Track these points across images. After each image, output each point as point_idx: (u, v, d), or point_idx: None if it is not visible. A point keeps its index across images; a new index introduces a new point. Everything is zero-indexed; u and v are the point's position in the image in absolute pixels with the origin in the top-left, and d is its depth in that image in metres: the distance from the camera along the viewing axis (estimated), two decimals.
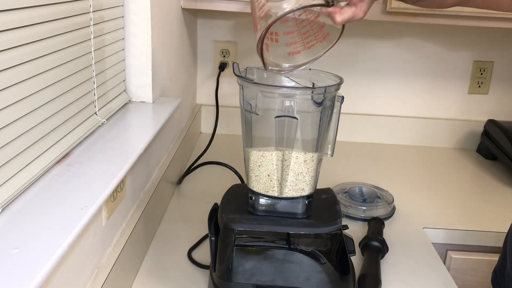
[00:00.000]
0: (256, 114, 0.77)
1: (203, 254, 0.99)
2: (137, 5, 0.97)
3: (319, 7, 0.67)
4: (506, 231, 0.89)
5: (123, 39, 0.99)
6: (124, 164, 0.74)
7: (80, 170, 0.71)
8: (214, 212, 0.86)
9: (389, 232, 1.09)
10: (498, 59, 1.64)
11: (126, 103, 1.01)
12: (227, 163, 1.25)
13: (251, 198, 0.81)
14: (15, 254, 0.52)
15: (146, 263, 0.96)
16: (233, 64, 0.77)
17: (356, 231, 1.08)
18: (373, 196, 1.21)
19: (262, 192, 0.80)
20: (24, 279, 0.48)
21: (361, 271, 0.93)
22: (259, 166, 0.79)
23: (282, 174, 0.78)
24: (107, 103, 0.92)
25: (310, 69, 0.81)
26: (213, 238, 0.82)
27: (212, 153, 1.34)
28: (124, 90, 1.02)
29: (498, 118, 1.66)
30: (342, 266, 0.81)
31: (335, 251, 0.82)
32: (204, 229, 1.05)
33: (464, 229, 1.16)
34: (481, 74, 1.65)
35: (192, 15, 1.49)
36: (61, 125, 0.73)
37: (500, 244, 0.93)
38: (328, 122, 0.79)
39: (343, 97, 0.78)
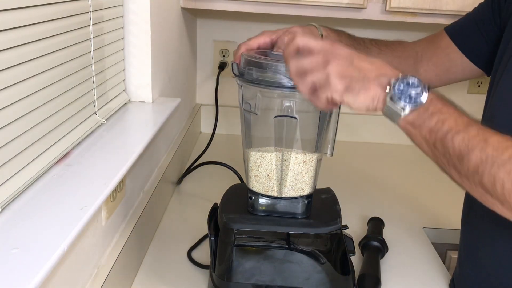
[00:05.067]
0: (256, 114, 0.77)
1: (203, 254, 0.99)
2: (137, 5, 0.97)
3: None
4: None
5: (122, 38, 0.99)
6: (124, 164, 0.74)
7: (80, 170, 0.71)
8: (214, 212, 0.86)
9: (389, 232, 1.09)
10: None
11: (125, 103, 1.01)
12: (227, 163, 1.25)
13: (250, 198, 0.81)
14: (15, 254, 0.52)
15: (146, 263, 0.96)
16: (232, 64, 0.77)
17: (355, 231, 1.08)
18: None
19: (261, 192, 0.80)
20: (23, 279, 0.48)
21: (360, 271, 0.93)
22: (259, 166, 0.79)
23: (282, 174, 0.78)
24: (107, 103, 0.92)
25: None
26: (213, 238, 0.82)
27: (212, 153, 1.34)
28: (124, 90, 1.02)
29: None
30: (342, 266, 0.81)
31: (335, 251, 0.82)
32: (204, 229, 1.05)
33: None
34: None
35: (191, 15, 1.49)
36: (60, 125, 0.73)
37: None
38: (328, 122, 0.79)
39: None
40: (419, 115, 0.60)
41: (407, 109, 0.60)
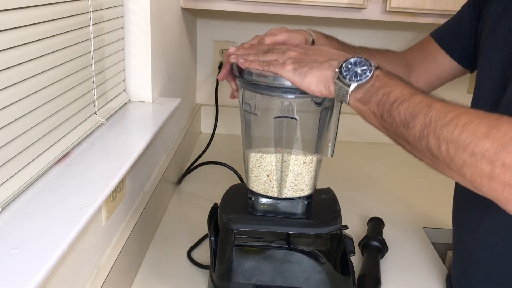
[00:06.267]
0: (256, 114, 0.77)
1: (203, 254, 0.99)
2: (137, 5, 0.97)
3: None
4: None
5: (122, 39, 0.99)
6: (124, 164, 0.74)
7: (80, 170, 0.71)
8: (214, 212, 0.86)
9: (389, 232, 1.09)
10: None
11: (125, 103, 1.01)
12: (227, 163, 1.25)
13: (250, 198, 0.81)
14: (14, 254, 0.52)
15: (146, 263, 0.96)
16: (232, 64, 0.77)
17: (355, 231, 1.08)
18: None
19: (261, 192, 0.80)
20: (23, 279, 0.48)
21: (360, 271, 0.93)
22: (259, 166, 0.79)
23: (282, 175, 0.78)
24: (107, 103, 0.92)
25: None
26: (213, 238, 0.82)
27: (212, 153, 1.34)
28: (124, 90, 1.02)
29: None
30: (342, 266, 0.81)
31: (335, 251, 0.82)
32: (204, 229, 1.05)
33: None
34: None
35: (191, 15, 1.49)
36: (60, 125, 0.73)
37: None
38: (328, 123, 0.79)
39: None
40: (366, 91, 0.64)
41: (353, 86, 0.65)
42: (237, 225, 0.79)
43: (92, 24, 0.82)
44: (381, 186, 1.36)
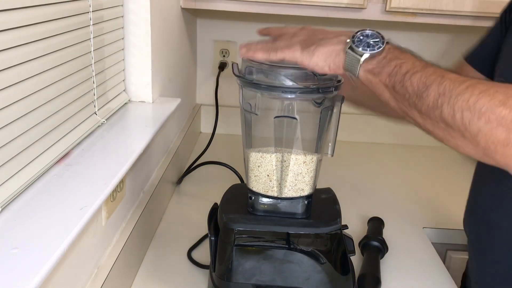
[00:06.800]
0: (256, 114, 0.77)
1: (203, 254, 0.99)
2: (137, 5, 0.97)
3: None
4: None
5: (122, 38, 0.99)
6: (124, 163, 0.74)
7: (80, 170, 0.71)
8: (213, 212, 0.86)
9: (389, 232, 1.09)
10: None
11: (125, 103, 1.01)
12: (227, 163, 1.25)
13: (250, 198, 0.81)
14: (14, 254, 0.52)
15: (146, 263, 0.96)
16: (232, 64, 0.77)
17: (355, 231, 1.08)
18: None
19: (261, 192, 0.80)
20: (23, 279, 0.48)
21: (360, 271, 0.93)
22: (259, 166, 0.79)
23: (282, 175, 0.78)
24: (107, 102, 0.92)
25: None
26: (213, 238, 0.82)
27: (212, 153, 1.34)
28: (124, 90, 1.02)
29: None
30: (342, 266, 0.81)
31: (335, 251, 0.82)
32: (204, 229, 1.05)
33: None
34: None
35: (191, 15, 1.49)
36: (60, 125, 0.73)
37: None
38: (328, 122, 0.79)
39: (343, 97, 0.78)
40: (378, 62, 0.65)
41: (366, 55, 0.65)
42: (237, 225, 0.79)
43: (92, 24, 0.81)
44: (381, 186, 1.36)
